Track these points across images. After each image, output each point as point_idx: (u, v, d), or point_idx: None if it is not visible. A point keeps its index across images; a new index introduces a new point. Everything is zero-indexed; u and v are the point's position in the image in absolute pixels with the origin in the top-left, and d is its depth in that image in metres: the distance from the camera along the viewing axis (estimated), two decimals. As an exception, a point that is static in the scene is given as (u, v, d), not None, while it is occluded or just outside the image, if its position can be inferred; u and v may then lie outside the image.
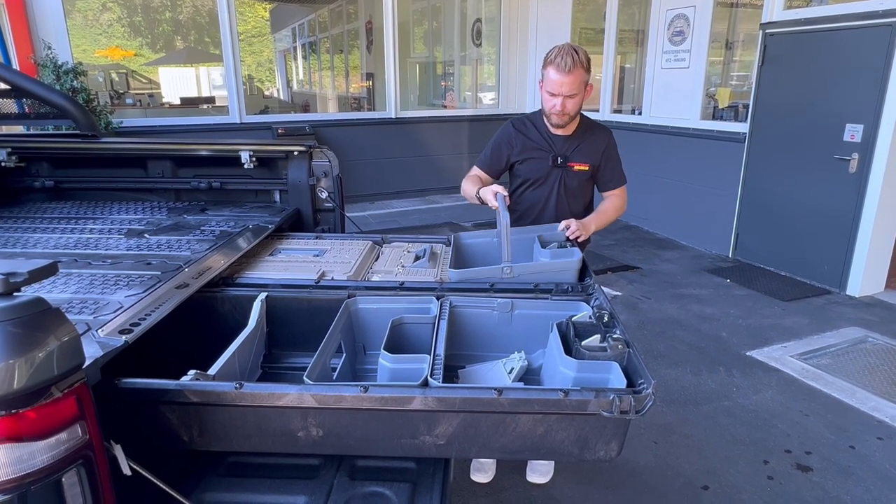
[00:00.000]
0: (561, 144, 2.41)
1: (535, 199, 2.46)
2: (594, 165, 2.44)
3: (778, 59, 5.07)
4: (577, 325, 1.47)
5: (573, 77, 2.17)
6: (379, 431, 1.28)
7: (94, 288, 1.59)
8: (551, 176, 2.43)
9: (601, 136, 2.45)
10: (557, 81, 2.19)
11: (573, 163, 2.42)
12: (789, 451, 2.83)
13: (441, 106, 10.09)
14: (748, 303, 4.63)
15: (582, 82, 2.21)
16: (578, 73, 2.18)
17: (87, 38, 15.74)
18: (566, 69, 2.16)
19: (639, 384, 1.24)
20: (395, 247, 2.26)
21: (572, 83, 2.19)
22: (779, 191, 5.20)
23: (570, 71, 2.16)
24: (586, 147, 2.42)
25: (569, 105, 2.24)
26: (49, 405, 0.86)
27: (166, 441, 1.31)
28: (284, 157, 2.55)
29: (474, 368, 1.60)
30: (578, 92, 2.23)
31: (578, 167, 2.42)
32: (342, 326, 1.60)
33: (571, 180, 2.44)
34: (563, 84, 2.19)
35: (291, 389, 1.21)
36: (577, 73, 2.17)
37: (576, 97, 2.24)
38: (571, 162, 2.41)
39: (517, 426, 1.24)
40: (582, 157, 2.42)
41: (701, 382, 3.44)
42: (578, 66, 2.17)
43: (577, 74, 2.18)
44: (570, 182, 2.44)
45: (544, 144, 2.42)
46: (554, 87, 2.22)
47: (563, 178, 2.44)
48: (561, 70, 2.17)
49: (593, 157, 2.43)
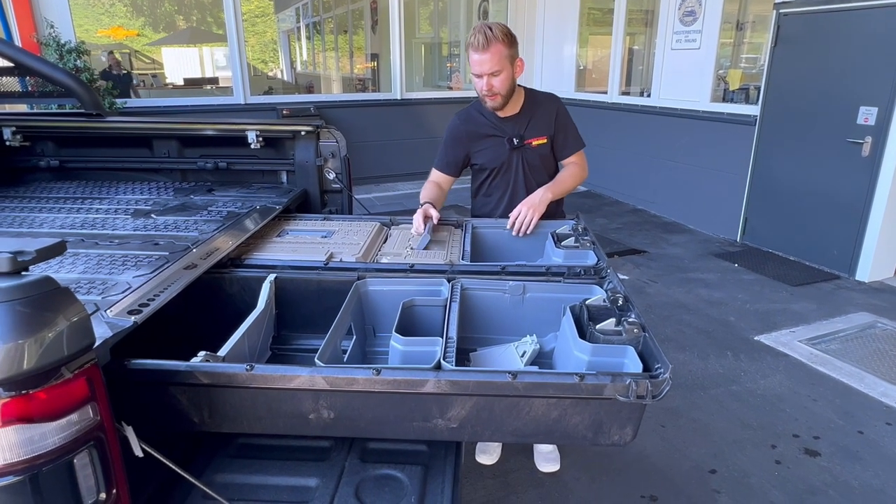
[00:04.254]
0: (512, 126, 2.35)
1: (504, 185, 2.41)
2: (550, 136, 2.38)
3: (791, 39, 4.98)
4: (591, 309, 1.45)
5: (491, 53, 2.10)
6: (391, 414, 1.27)
7: (102, 268, 1.57)
8: (512, 159, 2.37)
9: (549, 105, 2.39)
10: (477, 61, 2.14)
11: (530, 139, 2.35)
12: (797, 435, 2.82)
13: (447, 87, 9.99)
14: (756, 287, 4.60)
15: (503, 57, 2.13)
16: (497, 49, 2.11)
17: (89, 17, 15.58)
18: (481, 47, 2.10)
19: (655, 369, 1.22)
20: (403, 229, 2.24)
21: (492, 60, 2.11)
22: (789, 174, 5.14)
23: (486, 48, 2.10)
24: (538, 120, 2.36)
25: (496, 84, 2.17)
26: (59, 386, 0.85)
27: (176, 422, 1.30)
28: (291, 137, 2.52)
29: (486, 351, 1.59)
30: (502, 68, 2.15)
31: (537, 142, 2.36)
32: (352, 309, 1.59)
33: (533, 157, 2.39)
34: (483, 62, 2.13)
35: (303, 371, 1.19)
36: (495, 49, 2.10)
37: (500, 74, 2.16)
38: (528, 139, 2.35)
39: (531, 410, 1.23)
40: (537, 132, 2.36)
41: (708, 367, 3.43)
42: (495, 41, 2.10)
43: (494, 50, 2.11)
44: (533, 159, 2.39)
45: (495, 130, 2.36)
46: (476, 68, 2.16)
47: (523, 158, 2.38)
48: (477, 49, 2.11)
49: (547, 128, 2.37)
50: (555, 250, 1.89)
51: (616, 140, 7.00)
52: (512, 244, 2.18)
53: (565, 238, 1.96)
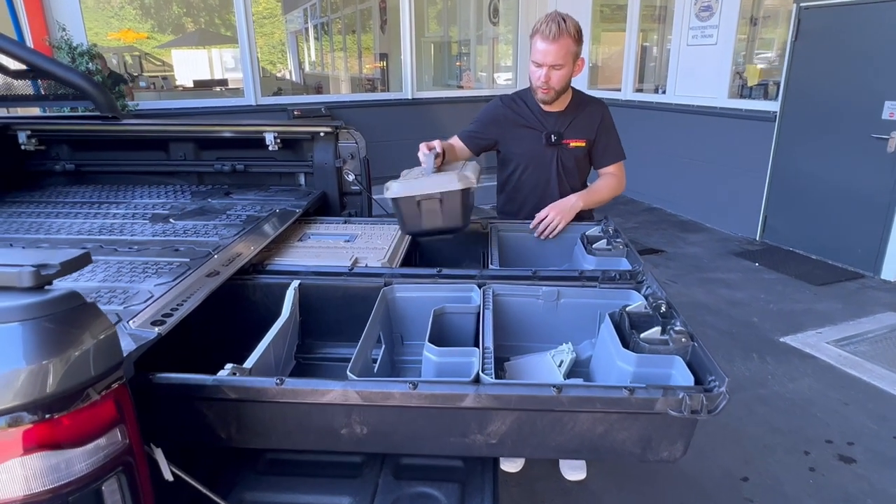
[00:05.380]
0: (554, 122, 2.27)
1: (535, 182, 2.33)
2: (590, 140, 2.30)
3: (812, 34, 4.87)
4: (633, 316, 1.38)
5: (559, 46, 2.04)
6: (427, 429, 1.20)
7: (122, 276, 1.52)
8: (546, 156, 2.29)
9: (595, 109, 2.31)
10: (542, 50, 2.06)
11: (569, 139, 2.27)
12: (830, 441, 2.74)
13: (457, 86, 9.92)
14: (778, 287, 4.51)
15: (569, 53, 2.07)
16: (565, 42, 2.04)
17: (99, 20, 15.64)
18: (551, 37, 2.03)
19: (709, 381, 1.15)
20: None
21: (558, 52, 2.05)
22: (810, 171, 5.03)
23: (556, 39, 2.03)
24: (580, 122, 2.28)
25: (554, 77, 2.10)
26: (86, 409, 0.79)
27: (202, 437, 1.24)
28: (310, 138, 2.46)
29: (522, 361, 1.52)
30: (565, 63, 2.08)
31: (574, 143, 2.28)
32: (381, 316, 1.53)
33: (568, 159, 2.30)
34: (548, 53, 2.06)
35: (335, 386, 1.14)
36: (563, 42, 2.04)
37: (562, 69, 2.09)
38: (567, 139, 2.27)
39: (575, 425, 1.16)
40: (577, 133, 2.28)
41: (734, 370, 3.35)
42: (565, 35, 2.03)
43: (563, 43, 2.04)
44: (568, 161, 2.30)
45: (535, 122, 2.28)
46: (538, 57, 2.09)
47: (559, 157, 2.29)
48: (546, 38, 2.04)
49: (588, 131, 2.29)
50: (585, 256, 1.82)
51: (630, 137, 6.82)
52: (538, 248, 2.11)
53: (596, 241, 1.89)
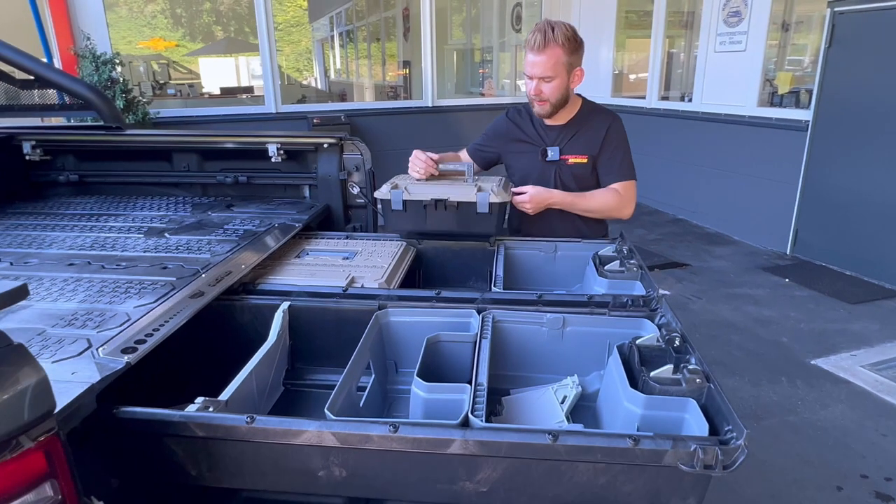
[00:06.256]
0: (555, 136, 2.13)
1: None
2: (592, 157, 2.11)
3: (848, 39, 4.66)
4: (643, 350, 1.26)
5: (546, 56, 1.91)
6: (410, 474, 1.10)
7: (103, 296, 1.45)
8: (545, 173, 2.15)
9: (601, 123, 2.12)
10: (530, 62, 1.95)
11: (568, 155, 2.12)
12: (865, 476, 2.55)
13: (479, 94, 9.83)
14: (810, 305, 4.29)
15: (559, 63, 1.93)
16: (553, 53, 1.91)
17: (132, 29, 16.04)
18: (536, 47, 1.91)
19: (725, 431, 1.02)
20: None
21: (546, 63, 1.92)
22: (845, 182, 4.80)
23: (542, 49, 1.90)
24: (583, 136, 2.11)
25: (545, 90, 1.97)
26: (10, 462, 0.70)
27: (172, 475, 1.16)
28: (314, 149, 2.39)
29: (521, 396, 1.41)
30: (556, 74, 1.95)
31: (575, 160, 2.11)
32: (371, 343, 1.43)
33: (568, 176, 2.14)
34: (535, 64, 1.94)
35: (310, 426, 1.04)
36: (551, 53, 1.91)
37: (553, 81, 1.96)
38: (566, 154, 2.12)
39: (574, 475, 1.04)
40: (578, 149, 2.11)
41: (761, 394, 3.17)
42: (553, 45, 1.90)
43: (551, 54, 1.91)
44: (567, 178, 2.14)
45: (534, 136, 2.16)
46: (527, 69, 1.97)
47: (557, 174, 2.14)
48: (531, 48, 1.93)
49: (591, 147, 2.11)
50: (597, 278, 1.69)
51: (655, 146, 6.71)
52: (547, 267, 1.99)
53: (609, 262, 1.76)
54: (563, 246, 2.00)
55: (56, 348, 1.19)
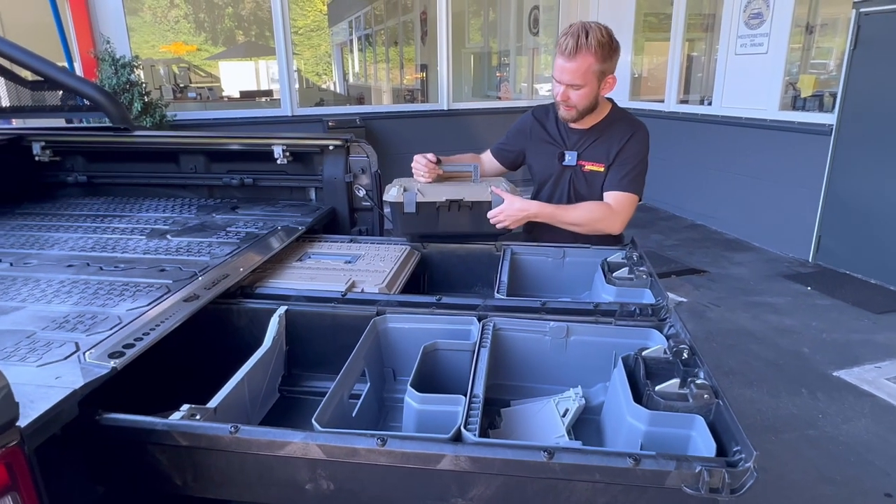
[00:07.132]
0: (576, 140, 2.06)
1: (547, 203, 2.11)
2: (607, 166, 2.03)
3: (873, 41, 4.52)
4: (649, 362, 1.20)
5: (577, 64, 1.83)
6: (399, 489, 1.05)
7: (98, 298, 1.43)
8: (562, 177, 2.09)
9: (623, 132, 2.02)
10: (559, 67, 1.87)
11: (585, 161, 2.04)
12: (889, 494, 2.44)
13: (496, 98, 9.78)
14: (833, 314, 4.15)
15: (590, 71, 1.84)
16: (584, 60, 1.82)
17: (155, 34, 16.30)
18: (567, 53, 1.82)
19: (733, 452, 0.96)
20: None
21: (575, 71, 1.84)
22: (870, 188, 4.66)
23: (573, 56, 1.82)
24: (602, 144, 2.03)
25: (573, 97, 1.90)
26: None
27: (157, 484, 1.12)
28: (320, 151, 2.36)
29: (521, 408, 1.35)
30: (585, 83, 1.86)
31: (591, 167, 2.04)
32: (367, 351, 1.38)
33: (581, 183, 2.07)
34: (564, 71, 1.86)
35: (295, 437, 1.00)
36: (582, 60, 1.82)
37: (581, 89, 1.88)
38: (583, 160, 2.04)
39: (571, 495, 0.99)
40: (595, 156, 2.03)
41: (780, 406, 3.06)
42: (584, 52, 1.81)
43: (582, 61, 1.82)
44: (580, 185, 2.07)
45: (556, 138, 2.09)
46: (556, 74, 1.90)
47: (572, 180, 2.07)
48: (562, 53, 1.84)
49: (606, 156, 2.03)
50: (605, 285, 1.63)
51: (673, 150, 6.59)
52: (555, 273, 1.93)
53: (618, 269, 1.70)
54: (571, 252, 1.94)
55: (43, 351, 1.16)
